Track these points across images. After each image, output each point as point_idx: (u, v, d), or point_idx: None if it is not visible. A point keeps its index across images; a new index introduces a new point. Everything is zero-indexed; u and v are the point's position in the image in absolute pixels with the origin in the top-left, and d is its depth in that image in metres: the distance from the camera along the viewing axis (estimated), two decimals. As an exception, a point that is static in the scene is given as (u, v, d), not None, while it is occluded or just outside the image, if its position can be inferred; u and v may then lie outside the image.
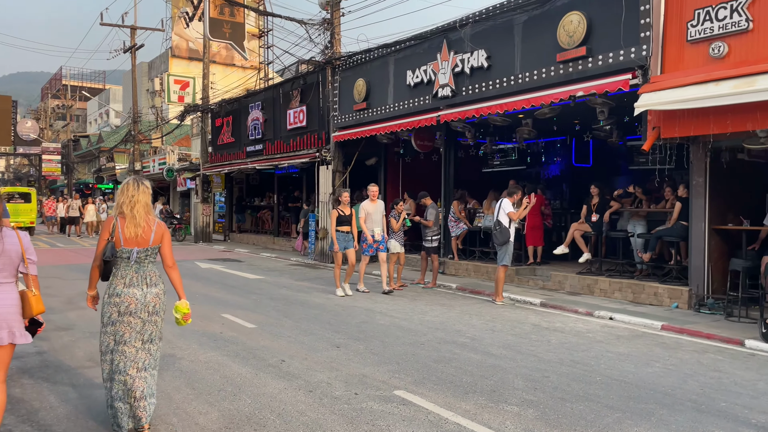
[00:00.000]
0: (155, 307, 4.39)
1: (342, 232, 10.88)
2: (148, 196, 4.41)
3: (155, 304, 4.39)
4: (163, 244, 4.44)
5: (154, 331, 4.41)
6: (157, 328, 4.44)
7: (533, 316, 9.15)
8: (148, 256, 4.37)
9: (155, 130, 37.28)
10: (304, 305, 9.72)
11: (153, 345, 4.42)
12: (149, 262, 4.41)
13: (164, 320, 4.58)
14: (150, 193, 4.46)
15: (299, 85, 18.31)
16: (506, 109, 11.06)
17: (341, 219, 10.84)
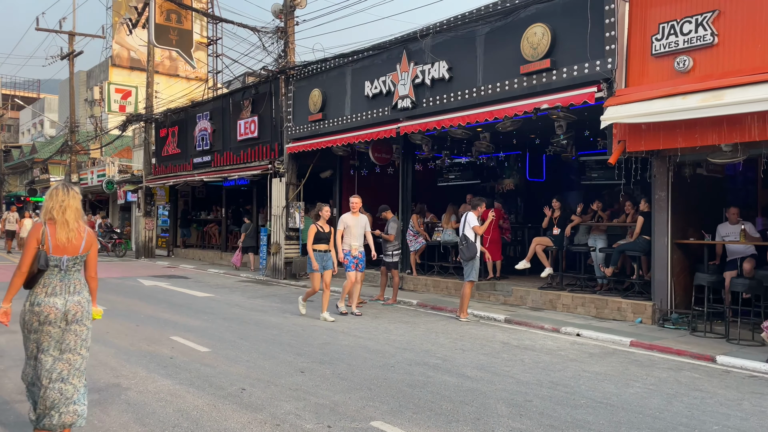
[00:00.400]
0: (75, 315, 4.23)
1: (319, 251, 9.86)
2: (79, 201, 4.31)
3: (76, 312, 4.23)
4: (91, 252, 4.35)
5: (74, 341, 4.25)
6: (78, 338, 4.27)
7: (500, 333, 8.85)
8: (75, 264, 4.26)
9: (94, 140, 35.67)
10: (259, 325, 9.14)
11: (74, 355, 4.25)
12: (75, 271, 4.29)
13: (90, 329, 4.43)
14: (80, 198, 4.36)
15: (251, 95, 17.71)
16: (469, 121, 10.83)
17: (320, 236, 9.86)
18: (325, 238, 9.90)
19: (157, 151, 23.98)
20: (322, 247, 9.89)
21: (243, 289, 13.97)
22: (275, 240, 16.15)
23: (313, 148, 14.80)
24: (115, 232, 24.87)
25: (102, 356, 6.93)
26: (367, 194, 16.58)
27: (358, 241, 10.38)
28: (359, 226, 10.45)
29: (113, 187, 27.41)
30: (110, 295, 12.31)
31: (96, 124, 36.02)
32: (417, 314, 10.57)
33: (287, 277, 15.78)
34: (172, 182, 21.56)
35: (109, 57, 44.98)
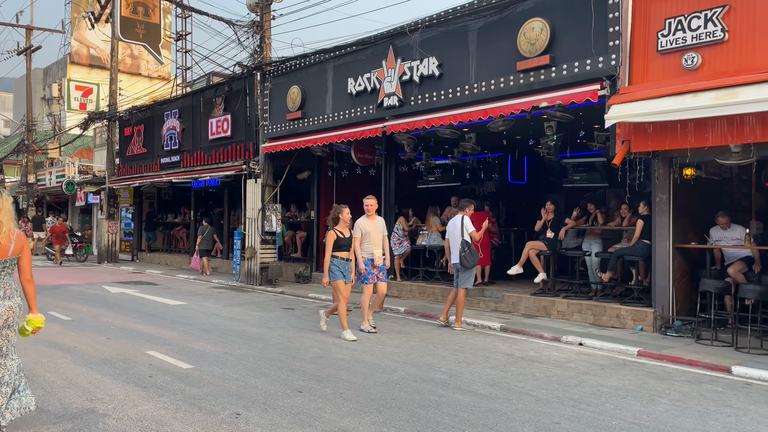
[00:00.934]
0: (7, 320, 4.28)
1: (340, 259, 8.58)
2: (11, 203, 4.30)
3: (7, 317, 4.27)
4: (22, 255, 4.35)
5: (6, 346, 4.33)
6: (9, 342, 4.34)
7: (500, 343, 8.37)
8: (5, 268, 4.27)
9: (52, 140, 34.15)
10: (243, 337, 8.46)
11: (6, 360, 4.34)
12: (6, 274, 4.30)
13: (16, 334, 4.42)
14: (12, 201, 4.34)
15: (223, 92, 16.93)
16: (461, 120, 10.36)
17: (341, 242, 8.57)
18: (346, 245, 8.63)
19: (121, 150, 22.92)
20: (344, 255, 8.61)
21: (217, 296, 13.21)
22: (250, 244, 15.41)
23: (292, 147, 14.14)
24: (75, 235, 23.67)
25: (71, 375, 6.18)
26: (346, 197, 15.99)
27: (379, 247, 9.12)
28: (378, 230, 9.17)
29: (73, 188, 26.16)
30: (74, 304, 11.43)
31: (54, 123, 34.54)
32: (407, 323, 10.02)
33: (263, 283, 15.05)
34: (138, 183, 20.58)
35: (67, 54, 43.32)
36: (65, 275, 17.36)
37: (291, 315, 10.59)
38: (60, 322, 9.41)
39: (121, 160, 22.83)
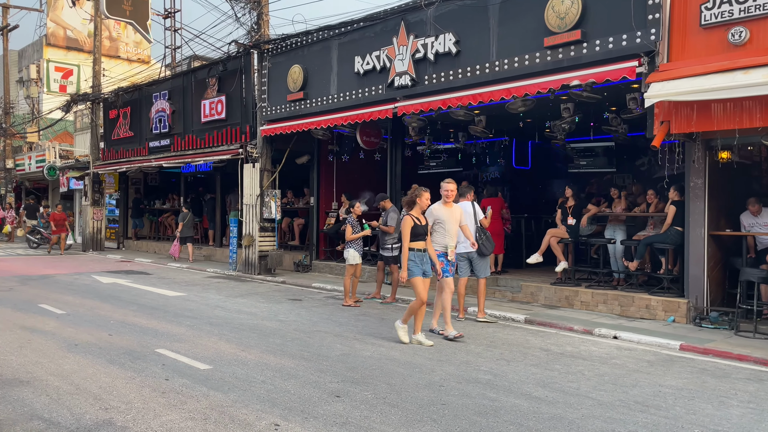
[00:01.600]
0: None
1: (417, 251, 7.24)
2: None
3: None
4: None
5: None
6: None
7: (532, 337, 7.86)
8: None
9: (31, 123, 32.89)
10: (255, 331, 7.85)
11: None
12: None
13: None
14: None
15: (217, 72, 16.13)
16: (481, 100, 9.77)
17: (417, 230, 7.21)
18: (423, 233, 7.31)
19: (106, 134, 21.97)
20: (420, 245, 7.28)
21: (216, 286, 12.55)
22: (248, 232, 14.73)
23: (293, 130, 13.45)
24: (59, 222, 22.66)
25: (78, 378, 5.53)
26: (348, 182, 15.42)
27: (454, 239, 7.83)
28: (454, 220, 7.78)
29: (55, 174, 25.14)
30: (66, 296, 10.71)
31: (33, 106, 33.28)
32: (427, 315, 9.46)
33: (262, 272, 14.40)
34: (125, 168, 19.70)
35: (43, 36, 41.76)
36: (51, 264, 16.54)
37: (300, 307, 9.99)
38: (54, 316, 8.71)
39: (106, 144, 21.90)
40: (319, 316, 9.17)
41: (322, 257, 15.17)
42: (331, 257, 15.02)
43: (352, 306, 9.96)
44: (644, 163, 16.23)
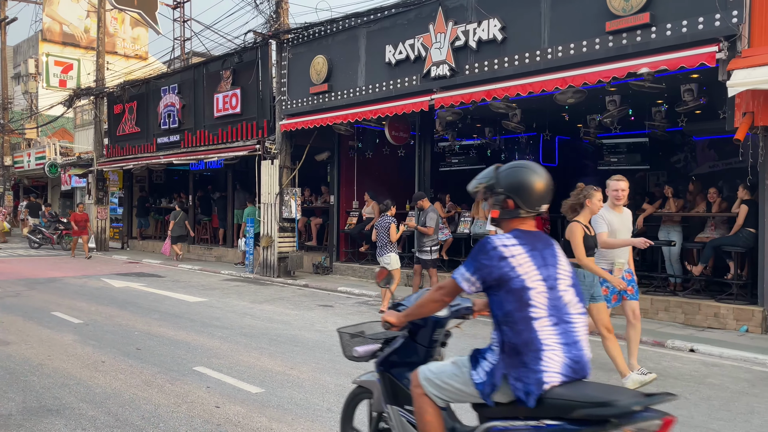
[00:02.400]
0: None
1: None
2: None
3: None
4: None
5: None
6: None
7: (601, 350, 7.12)
8: None
9: (29, 119, 31.99)
10: (297, 344, 7.09)
11: None
12: None
13: None
14: None
15: (232, 64, 15.33)
16: (531, 90, 9.03)
17: (588, 243, 5.43)
18: (594, 246, 5.52)
19: (110, 130, 21.14)
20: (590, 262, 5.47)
21: (237, 291, 11.77)
22: (266, 232, 13.96)
23: (316, 125, 12.67)
24: (60, 221, 21.86)
25: (115, 406, 4.76)
26: (369, 180, 14.66)
27: (626, 254, 5.87)
28: (627, 228, 5.89)
29: (57, 171, 24.30)
30: (79, 302, 9.92)
31: (31, 101, 32.36)
32: (473, 323, 8.71)
33: (281, 274, 13.64)
34: (131, 165, 18.87)
35: (39, 31, 40.84)
36: (56, 266, 15.72)
37: (334, 314, 9.23)
38: (71, 327, 7.92)
39: (110, 140, 21.06)
40: (359, 325, 8.41)
41: (343, 259, 14.41)
42: (352, 259, 14.27)
43: None
44: (680, 160, 15.55)
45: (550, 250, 2.61)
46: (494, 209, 2.70)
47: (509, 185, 2.64)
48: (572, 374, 2.42)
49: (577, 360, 2.45)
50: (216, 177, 21.24)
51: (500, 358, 2.50)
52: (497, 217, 2.70)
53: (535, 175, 2.64)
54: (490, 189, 2.72)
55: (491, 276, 2.52)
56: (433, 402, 2.74)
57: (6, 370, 5.74)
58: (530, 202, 2.62)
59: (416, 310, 2.86)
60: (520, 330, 2.46)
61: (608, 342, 5.68)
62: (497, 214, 2.69)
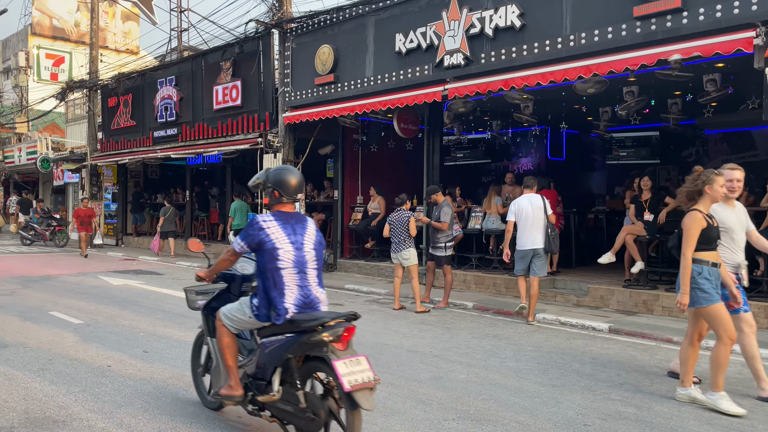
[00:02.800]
0: None
1: (710, 265, 4.81)
2: None
3: None
4: None
5: None
6: None
7: (636, 352, 6.79)
8: None
9: (20, 113, 31.33)
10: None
11: None
12: None
13: None
14: None
15: (232, 55, 14.86)
16: (552, 79, 8.65)
17: (710, 234, 4.81)
18: (716, 238, 4.88)
19: (104, 123, 20.60)
20: (714, 257, 4.85)
21: (241, 288, 11.34)
22: (268, 227, 13.51)
23: (321, 117, 12.24)
24: (53, 218, 21.31)
25: (127, 417, 4.35)
26: (374, 175, 14.25)
27: (742, 252, 5.24)
28: (742, 225, 5.23)
29: (49, 166, 23.70)
30: (78, 300, 9.46)
31: (22, 95, 31.71)
32: (493, 323, 8.36)
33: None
34: (127, 159, 18.37)
35: (28, 24, 40.10)
36: (50, 263, 15.22)
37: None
38: (71, 327, 7.48)
39: (104, 134, 20.53)
40: (374, 324, 8.03)
41: (347, 255, 14.02)
42: (357, 255, 13.87)
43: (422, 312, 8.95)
44: (692, 154, 15.25)
45: (300, 225, 3.89)
46: (266, 198, 3.93)
47: (275, 181, 3.86)
48: (305, 306, 3.75)
49: (307, 296, 3.77)
50: (212, 172, 20.77)
51: (261, 297, 3.78)
52: (267, 203, 3.93)
53: (291, 175, 3.90)
54: (263, 185, 3.94)
55: (254, 241, 3.76)
56: (228, 330, 3.98)
57: (5, 376, 5.31)
58: (288, 193, 3.87)
59: (215, 267, 4.13)
60: (269, 277, 3.72)
61: (721, 350, 4.82)
62: (267, 201, 3.92)
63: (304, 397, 3.60)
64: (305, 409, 3.58)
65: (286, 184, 3.84)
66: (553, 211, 8.88)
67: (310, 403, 3.59)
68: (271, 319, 3.74)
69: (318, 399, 3.62)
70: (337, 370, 3.36)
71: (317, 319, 3.59)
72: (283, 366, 3.70)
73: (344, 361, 3.42)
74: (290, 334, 3.70)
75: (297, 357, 3.67)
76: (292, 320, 3.68)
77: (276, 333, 3.79)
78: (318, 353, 3.55)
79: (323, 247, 3.96)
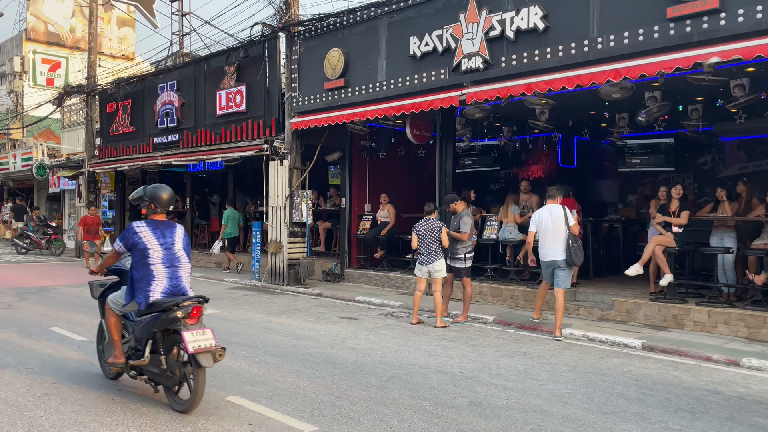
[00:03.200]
0: None
1: None
2: None
3: None
4: None
5: None
6: None
7: (676, 371, 6.39)
8: None
9: (14, 119, 30.78)
10: (335, 366, 6.26)
11: None
12: None
13: None
14: None
15: (237, 59, 14.44)
16: (579, 83, 8.27)
17: None
18: None
19: (102, 129, 20.13)
20: None
21: (247, 301, 10.91)
22: (274, 237, 13.09)
23: (331, 123, 11.84)
24: (50, 226, 20.81)
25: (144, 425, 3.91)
26: (383, 182, 13.83)
27: None
28: None
29: (45, 173, 23.19)
30: (78, 314, 9.01)
31: (17, 101, 31.19)
32: (519, 339, 7.95)
33: (290, 282, 12.78)
34: (126, 166, 17.89)
35: (23, 30, 39.61)
36: (47, 274, 14.73)
37: (363, 328, 8.41)
38: (74, 345, 7.03)
39: (102, 140, 20.06)
40: (394, 341, 7.61)
41: (355, 265, 13.58)
42: (366, 265, 13.45)
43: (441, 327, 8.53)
44: (707, 162, 14.91)
45: (169, 230, 4.91)
46: (143, 209, 4.96)
47: (151, 197, 4.90)
48: (174, 294, 4.76)
49: (176, 285, 4.80)
50: (212, 179, 20.33)
51: (131, 286, 4.80)
52: (145, 213, 4.96)
53: (164, 191, 4.95)
54: (141, 199, 4.98)
55: (129, 243, 4.78)
56: (114, 312, 5.05)
57: (7, 403, 4.86)
58: (161, 206, 4.94)
59: (103, 263, 5.16)
60: (140, 270, 4.74)
61: None
62: (144, 212, 4.95)
63: (165, 361, 4.71)
64: (165, 371, 4.72)
65: (159, 199, 4.92)
66: (576, 221, 8.54)
67: (170, 366, 4.72)
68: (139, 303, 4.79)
69: (175, 362, 4.72)
70: (185, 338, 4.48)
71: (173, 301, 4.67)
72: (152, 338, 4.78)
73: (192, 332, 4.54)
74: (156, 314, 4.70)
75: (162, 331, 4.74)
76: (155, 303, 4.72)
77: (146, 313, 4.77)
78: (175, 327, 4.64)
79: (189, 248, 5.08)
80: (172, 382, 4.72)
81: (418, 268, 8.70)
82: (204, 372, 4.58)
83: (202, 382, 4.56)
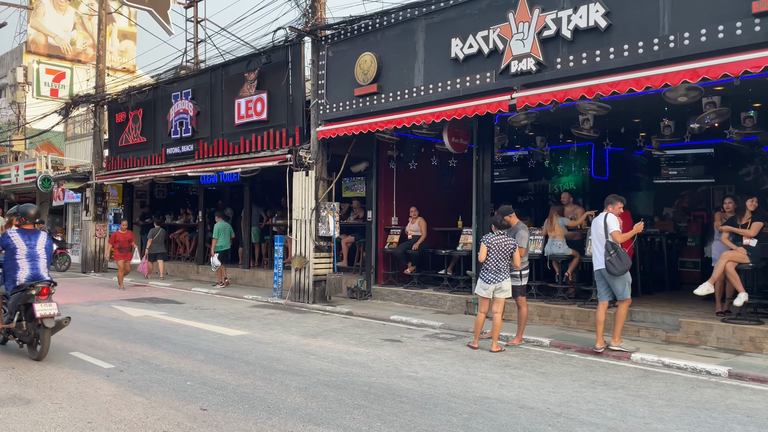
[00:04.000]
0: None
1: None
2: None
3: None
4: None
5: None
6: None
7: (785, 404, 5.65)
8: None
9: (17, 131, 30.07)
10: (399, 398, 5.51)
11: None
12: None
13: None
14: None
15: (258, 65, 13.78)
16: (650, 85, 7.61)
17: None
18: None
19: (111, 140, 19.43)
20: None
21: (276, 320, 10.14)
22: (298, 252, 12.36)
23: (362, 131, 11.16)
24: (56, 240, 19.98)
25: None
26: (411, 194, 13.13)
27: None
28: None
29: (50, 185, 22.42)
30: (100, 337, 8.24)
31: (19, 112, 30.50)
32: (589, 366, 7.20)
33: (316, 300, 12.03)
34: (138, 178, 17.15)
35: (23, 42, 39.00)
36: (57, 290, 13.89)
37: (413, 353, 7.66)
38: (102, 373, 6.26)
39: (111, 151, 19.35)
40: (452, 368, 6.87)
41: (382, 282, 12.84)
42: (394, 282, 12.71)
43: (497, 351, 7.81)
44: (749, 173, 14.25)
45: (35, 236, 7.08)
46: (16, 221, 7.29)
47: (22, 213, 7.11)
48: (33, 279, 6.86)
49: (35, 274, 6.91)
50: (222, 192, 19.62)
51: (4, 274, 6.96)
52: (17, 224, 7.17)
53: (31, 209, 7.20)
54: (15, 214, 7.40)
55: (3, 244, 6.91)
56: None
57: (36, 451, 4.11)
58: (29, 219, 7.14)
59: None
60: (9, 263, 6.86)
61: None
62: (17, 223, 7.19)
63: (25, 325, 6.76)
64: (26, 332, 6.78)
65: (27, 214, 7.07)
66: (623, 231, 7.89)
67: (28, 328, 6.76)
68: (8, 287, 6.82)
69: (31, 325, 6.75)
70: (34, 307, 6.57)
71: (31, 283, 6.74)
72: (18, 310, 6.78)
73: (41, 304, 6.64)
74: (19, 293, 6.69)
75: (25, 304, 6.73)
76: (20, 286, 6.74)
77: (14, 293, 6.77)
78: (31, 301, 6.67)
79: (51, 248, 7.17)
80: (30, 339, 6.82)
81: (483, 287, 7.94)
82: (49, 331, 6.65)
83: (47, 338, 6.68)
